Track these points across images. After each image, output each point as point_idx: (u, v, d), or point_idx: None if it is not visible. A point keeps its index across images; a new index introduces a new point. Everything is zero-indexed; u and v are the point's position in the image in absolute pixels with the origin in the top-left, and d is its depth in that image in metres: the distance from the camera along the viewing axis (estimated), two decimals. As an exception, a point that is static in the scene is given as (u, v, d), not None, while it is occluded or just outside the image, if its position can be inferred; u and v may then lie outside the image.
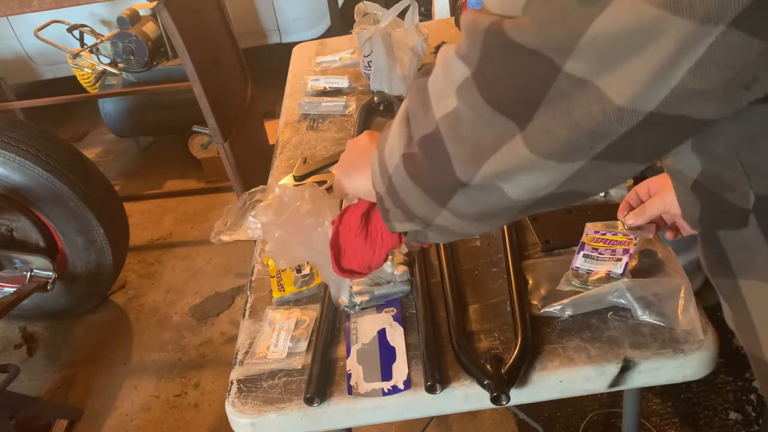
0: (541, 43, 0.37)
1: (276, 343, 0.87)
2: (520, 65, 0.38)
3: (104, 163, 3.30)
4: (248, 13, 3.13)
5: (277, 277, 0.98)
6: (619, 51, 0.35)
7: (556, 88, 0.37)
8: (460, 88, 0.43)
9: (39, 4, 1.70)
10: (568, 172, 0.42)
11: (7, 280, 2.06)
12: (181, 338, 2.15)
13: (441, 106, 0.45)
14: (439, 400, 0.78)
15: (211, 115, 1.80)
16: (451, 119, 0.44)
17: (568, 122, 0.38)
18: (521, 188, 0.45)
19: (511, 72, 0.39)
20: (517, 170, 0.43)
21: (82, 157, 2.07)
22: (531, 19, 0.37)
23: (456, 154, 0.45)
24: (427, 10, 2.53)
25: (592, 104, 0.37)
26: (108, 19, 2.97)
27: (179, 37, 1.66)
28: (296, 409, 0.79)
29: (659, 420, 1.57)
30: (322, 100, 1.48)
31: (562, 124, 0.39)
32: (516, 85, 0.40)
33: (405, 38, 1.39)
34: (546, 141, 0.40)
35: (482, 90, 0.41)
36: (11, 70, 3.26)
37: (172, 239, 2.67)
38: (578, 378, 0.78)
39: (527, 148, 0.41)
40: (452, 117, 0.44)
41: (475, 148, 0.44)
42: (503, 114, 0.41)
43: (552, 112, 0.38)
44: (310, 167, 1.24)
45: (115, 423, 1.90)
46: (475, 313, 0.87)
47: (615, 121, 0.37)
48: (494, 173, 0.44)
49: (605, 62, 0.35)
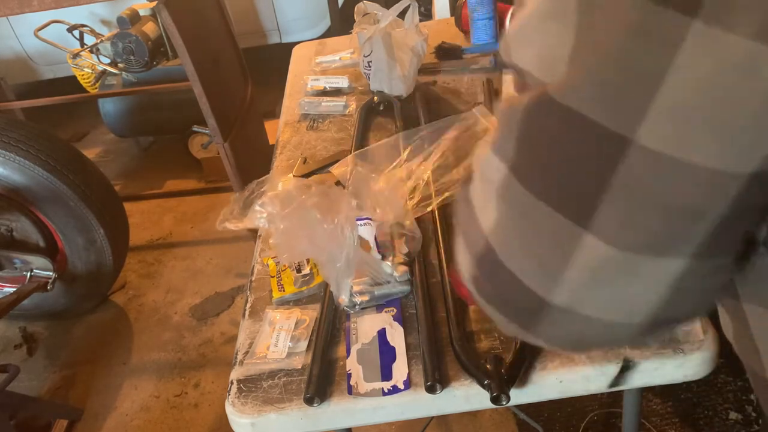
0: (600, 108, 0.29)
1: (276, 343, 0.87)
2: (572, 138, 0.31)
3: (104, 163, 3.30)
4: (248, 13, 3.13)
5: (277, 277, 0.98)
6: (709, 104, 0.27)
7: (626, 167, 0.30)
8: (500, 189, 0.35)
9: (39, 4, 1.70)
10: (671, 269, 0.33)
11: (7, 280, 2.06)
12: (181, 338, 2.15)
13: (485, 218, 0.38)
14: (439, 400, 0.78)
15: (211, 115, 1.80)
16: (501, 230, 0.37)
17: (650, 206, 0.31)
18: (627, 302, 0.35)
19: (561, 147, 0.32)
20: (607, 279, 0.34)
21: (82, 157, 2.07)
22: (583, 76, 0.30)
23: (522, 270, 0.36)
24: (427, 10, 2.53)
25: (678, 178, 0.29)
26: (108, 19, 2.97)
27: (179, 37, 1.66)
28: (296, 409, 0.79)
29: (659, 420, 1.57)
30: (322, 100, 1.48)
31: (642, 209, 0.31)
32: (570, 168, 0.32)
33: (405, 38, 1.39)
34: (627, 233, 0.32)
35: (527, 182, 0.33)
36: (11, 70, 3.27)
37: (172, 239, 2.67)
38: (578, 378, 0.78)
39: (608, 245, 0.32)
40: (501, 227, 0.36)
41: (541, 261, 0.35)
42: (559, 208, 0.33)
43: (622, 199, 0.31)
44: (310, 167, 1.24)
45: (115, 423, 1.90)
46: (475, 313, 0.87)
47: (713, 192, 0.30)
48: (580, 285, 0.34)
49: (691, 122, 0.28)
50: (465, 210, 0.41)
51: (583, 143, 0.31)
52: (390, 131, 1.32)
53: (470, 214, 0.40)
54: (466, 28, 1.62)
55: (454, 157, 1.15)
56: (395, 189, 1.00)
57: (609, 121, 0.29)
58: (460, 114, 1.26)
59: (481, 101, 1.34)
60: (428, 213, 1.04)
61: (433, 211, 1.03)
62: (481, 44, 1.55)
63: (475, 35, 1.56)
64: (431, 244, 0.99)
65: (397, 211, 0.97)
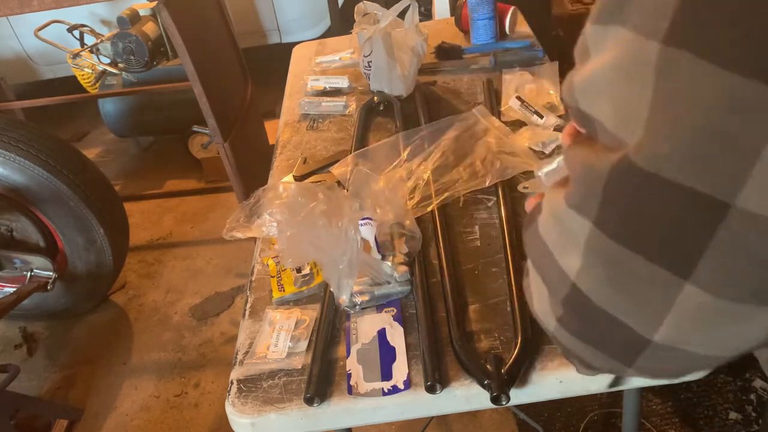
0: (694, 177, 0.29)
1: (276, 343, 0.87)
2: (665, 202, 0.31)
3: (104, 163, 3.30)
4: (248, 13, 3.13)
5: (277, 277, 0.98)
6: None
7: (726, 228, 0.29)
8: (586, 242, 0.35)
9: (39, 4, 1.70)
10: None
11: (7, 280, 2.06)
12: (181, 338, 2.15)
13: (568, 263, 0.38)
14: (439, 400, 0.78)
15: (211, 115, 1.80)
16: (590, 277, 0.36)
17: (752, 261, 0.30)
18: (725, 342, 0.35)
19: (653, 210, 0.31)
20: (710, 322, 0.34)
21: (82, 157, 2.08)
22: (671, 146, 0.30)
23: (620, 310, 0.36)
24: (427, 10, 2.53)
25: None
26: (108, 19, 2.97)
27: (179, 37, 1.66)
28: (296, 409, 0.79)
29: (659, 420, 1.57)
30: (322, 100, 1.48)
31: (744, 264, 0.30)
32: (665, 228, 0.31)
33: (405, 38, 1.39)
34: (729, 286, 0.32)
35: (618, 238, 0.33)
36: (11, 70, 3.26)
37: (172, 239, 2.67)
38: (578, 378, 0.78)
39: (711, 294, 0.32)
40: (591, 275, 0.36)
41: (640, 304, 0.35)
42: (657, 260, 0.32)
43: (723, 255, 0.30)
44: (310, 167, 1.24)
45: (115, 423, 1.90)
46: (475, 313, 0.87)
47: None
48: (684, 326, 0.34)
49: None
50: (539, 249, 0.41)
51: (679, 208, 0.30)
52: (390, 131, 1.32)
53: (548, 257, 0.40)
54: (466, 28, 1.62)
55: (454, 157, 1.15)
56: (395, 189, 1.00)
57: (706, 188, 0.29)
58: (460, 114, 1.26)
59: (481, 101, 1.34)
60: (428, 213, 1.04)
61: (433, 211, 1.03)
62: (481, 44, 1.55)
63: (475, 35, 1.56)
64: (431, 244, 0.99)
65: (397, 211, 0.97)
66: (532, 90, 1.32)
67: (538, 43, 1.54)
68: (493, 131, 1.19)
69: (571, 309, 0.39)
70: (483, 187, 1.08)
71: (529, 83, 1.35)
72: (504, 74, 1.41)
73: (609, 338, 0.38)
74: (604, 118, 0.34)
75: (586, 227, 0.35)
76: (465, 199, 1.08)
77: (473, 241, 1.00)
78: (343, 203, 0.88)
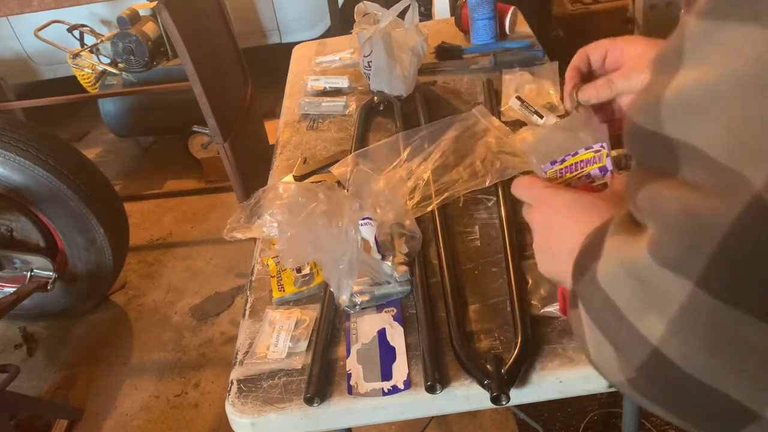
0: None
1: (276, 343, 0.87)
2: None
3: (104, 163, 3.30)
4: (248, 13, 3.13)
5: (277, 277, 0.98)
6: None
7: None
8: (685, 306, 0.30)
9: (39, 4, 1.70)
10: None
11: (7, 280, 2.06)
12: (181, 338, 2.15)
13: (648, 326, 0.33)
14: (439, 400, 0.78)
15: (211, 115, 1.80)
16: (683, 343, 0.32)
17: None
18: None
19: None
20: None
21: (82, 157, 2.08)
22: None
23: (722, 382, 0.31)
24: (427, 10, 2.53)
25: None
26: (108, 19, 2.97)
27: (179, 37, 1.66)
28: (296, 409, 0.79)
29: (659, 420, 1.57)
30: (322, 100, 1.48)
31: None
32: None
33: (405, 38, 1.39)
34: None
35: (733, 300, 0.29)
36: (11, 70, 3.27)
37: (172, 239, 2.67)
38: (578, 378, 0.78)
39: None
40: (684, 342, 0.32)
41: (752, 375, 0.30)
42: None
43: None
44: (310, 167, 1.24)
45: (115, 423, 1.90)
46: (475, 313, 0.87)
47: None
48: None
49: None
50: (601, 306, 0.36)
51: None
52: (390, 131, 1.32)
53: (616, 317, 0.34)
54: (466, 28, 1.62)
55: (454, 157, 1.15)
56: (395, 189, 1.00)
57: None
58: (460, 114, 1.26)
59: (481, 101, 1.34)
60: (428, 213, 1.04)
61: (433, 211, 1.03)
62: (481, 44, 1.55)
63: (475, 35, 1.56)
64: (431, 244, 0.99)
65: (397, 211, 0.97)
66: (532, 90, 1.32)
67: (538, 43, 1.54)
68: (493, 131, 1.19)
69: (649, 374, 0.34)
70: (483, 187, 1.08)
71: (529, 83, 1.35)
72: (504, 74, 1.41)
73: (698, 408, 0.33)
74: (708, 146, 0.27)
75: (685, 289, 0.29)
76: (465, 199, 1.08)
77: (473, 241, 1.00)
78: (343, 203, 0.88)
